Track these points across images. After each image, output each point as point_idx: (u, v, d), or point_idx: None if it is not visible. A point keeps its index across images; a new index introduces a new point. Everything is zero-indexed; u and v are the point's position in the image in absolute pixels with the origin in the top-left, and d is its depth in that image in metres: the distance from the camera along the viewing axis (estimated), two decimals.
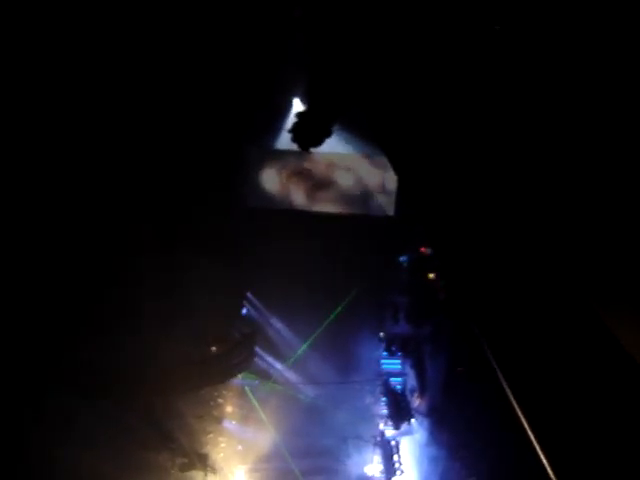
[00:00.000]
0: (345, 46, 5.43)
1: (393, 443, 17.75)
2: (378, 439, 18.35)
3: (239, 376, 18.36)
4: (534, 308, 3.31)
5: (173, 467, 15.45)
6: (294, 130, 6.40)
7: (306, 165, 17.70)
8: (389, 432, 18.33)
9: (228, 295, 17.55)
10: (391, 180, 17.66)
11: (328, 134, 6.54)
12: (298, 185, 17.82)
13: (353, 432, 18.65)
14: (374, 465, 18.43)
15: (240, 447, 18.39)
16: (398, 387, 18.86)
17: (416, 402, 18.45)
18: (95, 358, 13.82)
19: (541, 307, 3.30)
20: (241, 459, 18.18)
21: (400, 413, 17.85)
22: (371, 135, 14.06)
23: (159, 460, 14.88)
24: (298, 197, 17.90)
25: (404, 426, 17.82)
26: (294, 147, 6.89)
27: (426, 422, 17.70)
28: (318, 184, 17.84)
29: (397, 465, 17.18)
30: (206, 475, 16.23)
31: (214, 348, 17.10)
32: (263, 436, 18.45)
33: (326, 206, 17.95)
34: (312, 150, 13.12)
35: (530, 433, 2.89)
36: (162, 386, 14.56)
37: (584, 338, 3.00)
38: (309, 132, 6.41)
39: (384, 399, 18.79)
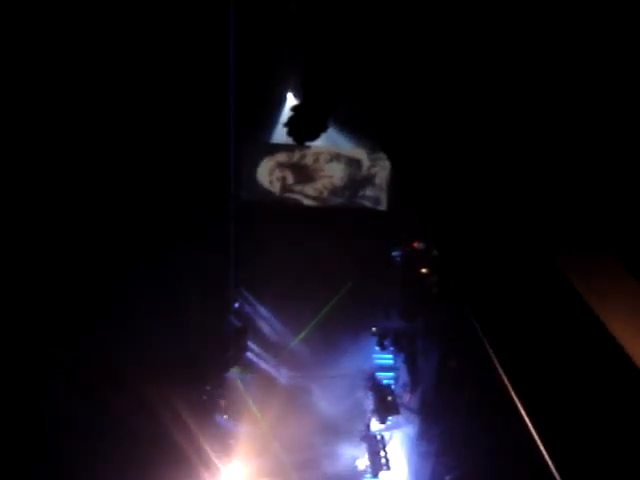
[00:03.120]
0: (341, 39, 5.40)
1: (379, 438, 17.76)
2: (364, 433, 18.37)
3: (231, 370, 18.37)
4: (534, 301, 3.32)
5: (165, 461, 15.43)
6: (289, 124, 6.34)
7: (300, 159, 17.72)
8: (376, 426, 18.34)
9: (220, 289, 17.56)
10: (385, 174, 17.69)
11: (324, 128, 6.49)
12: (292, 178, 17.83)
13: (344, 426, 18.68)
14: (364, 459, 18.47)
15: (231, 441, 18.39)
16: (385, 381, 18.86)
17: (407, 397, 18.50)
18: (89, 354, 13.79)
19: (540, 299, 3.30)
20: (232, 453, 18.18)
21: (386, 407, 17.86)
22: (367, 128, 14.10)
23: (151, 454, 14.84)
24: (292, 191, 17.91)
25: (390, 420, 17.83)
26: (289, 141, 6.86)
27: (417, 417, 17.75)
28: (312, 177, 17.85)
29: (383, 460, 17.18)
30: (197, 469, 16.22)
31: (206, 342, 17.07)
32: (254, 430, 18.46)
33: (320, 200, 17.97)
34: (307, 144, 13.11)
35: (531, 426, 2.89)
36: (155, 381, 14.55)
37: (583, 334, 3.01)
38: (304, 126, 6.36)
39: (370, 393, 18.79)
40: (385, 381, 18.91)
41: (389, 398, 17.90)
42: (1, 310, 12.25)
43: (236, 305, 18.84)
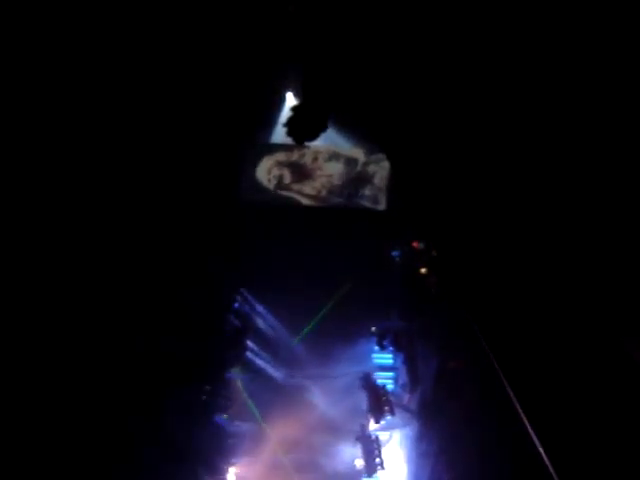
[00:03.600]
0: (339, 40, 5.42)
1: (373, 437, 17.74)
2: (359, 433, 18.33)
3: (231, 370, 18.39)
4: (530, 304, 3.33)
5: (164, 461, 15.43)
6: (289, 124, 6.38)
7: (299, 158, 17.71)
8: (373, 426, 18.28)
9: (221, 290, 17.59)
10: (384, 174, 17.67)
11: (324, 128, 6.52)
12: (291, 177, 17.83)
13: (344, 426, 18.65)
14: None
15: (231, 441, 18.40)
16: (381, 381, 18.79)
17: (407, 397, 18.49)
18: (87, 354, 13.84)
19: (537, 302, 3.31)
20: (232, 453, 18.18)
21: (380, 408, 17.83)
22: (367, 128, 14.11)
23: (149, 454, 14.86)
24: (290, 189, 17.90)
25: (385, 420, 17.77)
26: (288, 141, 6.88)
27: (417, 417, 17.75)
28: (310, 176, 17.84)
29: (377, 460, 17.15)
30: (197, 469, 16.22)
31: (206, 342, 17.09)
32: (254, 430, 18.46)
33: (319, 199, 17.96)
34: (307, 144, 12.99)
35: (529, 427, 2.91)
36: (155, 380, 14.61)
37: (583, 336, 3.02)
38: (304, 126, 6.39)
39: (364, 393, 18.70)
40: (380, 381, 18.84)
41: (383, 398, 17.86)
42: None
43: (236, 305, 18.84)
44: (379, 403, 17.80)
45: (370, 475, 17.24)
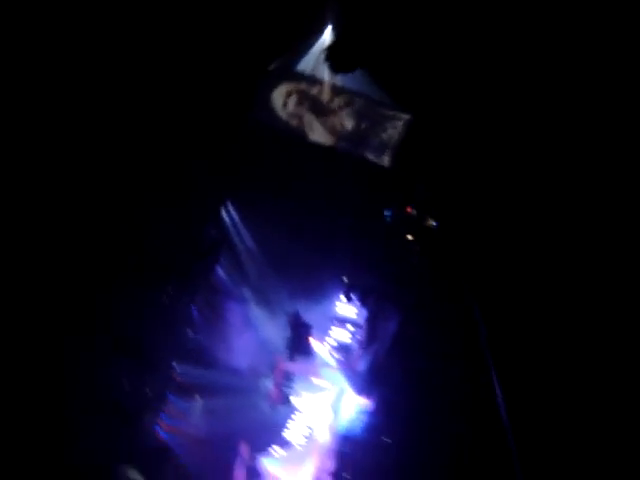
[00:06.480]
0: None
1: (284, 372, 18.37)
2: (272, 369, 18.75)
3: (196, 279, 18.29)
4: (534, 293, 3.27)
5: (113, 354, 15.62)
6: (330, 50, 6.22)
7: (319, 94, 17.36)
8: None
9: (209, 197, 17.49)
10: (396, 132, 17.47)
11: (361, 64, 6.37)
12: (305, 109, 17.58)
13: None
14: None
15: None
16: (346, 333, 19.00)
17: (358, 353, 18.69)
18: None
19: (540, 290, 3.26)
20: None
21: (298, 346, 18.37)
22: (394, 84, 13.84)
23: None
24: (302, 121, 17.67)
25: (300, 358, 18.34)
26: (313, 73, 6.67)
27: (362, 376, 18.01)
28: (325, 114, 17.57)
29: (286, 392, 18.04)
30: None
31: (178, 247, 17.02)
32: None
33: (326, 137, 17.74)
34: (330, 81, 12.67)
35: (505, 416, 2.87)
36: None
37: (580, 328, 2.97)
38: (345, 55, 6.24)
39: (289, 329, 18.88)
40: (338, 332, 19.04)
41: (305, 338, 18.36)
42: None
43: (219, 216, 18.63)
44: (299, 342, 18.16)
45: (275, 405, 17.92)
